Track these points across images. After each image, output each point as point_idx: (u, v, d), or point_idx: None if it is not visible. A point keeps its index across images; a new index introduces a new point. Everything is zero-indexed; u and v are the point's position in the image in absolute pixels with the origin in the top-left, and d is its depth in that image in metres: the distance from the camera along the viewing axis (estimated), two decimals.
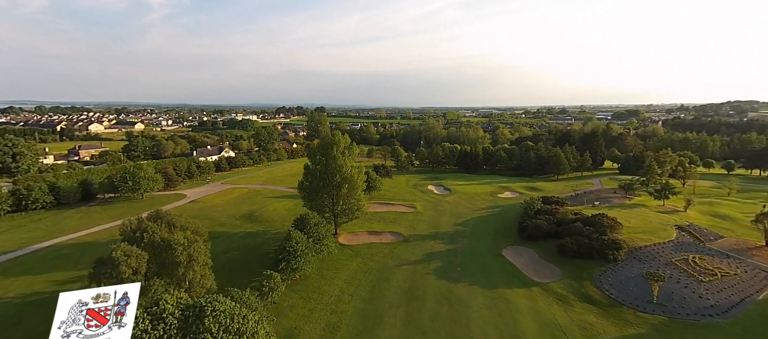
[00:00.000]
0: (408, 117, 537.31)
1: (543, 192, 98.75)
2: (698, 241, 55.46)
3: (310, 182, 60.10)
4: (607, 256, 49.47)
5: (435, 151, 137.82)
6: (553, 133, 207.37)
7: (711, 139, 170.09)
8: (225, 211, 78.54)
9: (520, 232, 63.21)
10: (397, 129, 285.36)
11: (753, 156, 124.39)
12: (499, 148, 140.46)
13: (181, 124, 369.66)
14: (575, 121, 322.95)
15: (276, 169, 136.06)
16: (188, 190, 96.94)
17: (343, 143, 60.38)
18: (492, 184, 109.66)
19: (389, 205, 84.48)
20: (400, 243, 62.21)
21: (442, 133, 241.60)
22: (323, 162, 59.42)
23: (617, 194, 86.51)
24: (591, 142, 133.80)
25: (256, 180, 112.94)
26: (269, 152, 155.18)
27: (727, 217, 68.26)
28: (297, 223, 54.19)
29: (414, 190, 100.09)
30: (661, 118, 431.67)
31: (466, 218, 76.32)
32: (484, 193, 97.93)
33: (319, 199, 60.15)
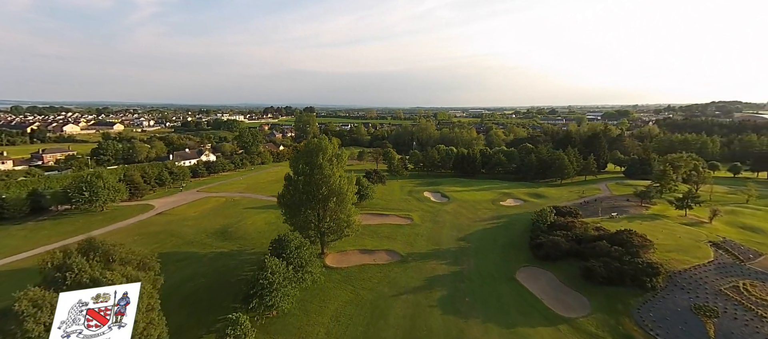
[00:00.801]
0: (399, 117, 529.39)
1: (548, 199, 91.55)
2: (738, 260, 48.36)
3: (291, 195, 51.17)
4: (644, 284, 41.80)
5: (430, 154, 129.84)
6: (550, 134, 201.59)
7: (711, 140, 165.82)
8: (196, 225, 68.94)
9: (534, 250, 55.27)
10: (388, 130, 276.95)
11: (760, 158, 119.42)
12: (498, 151, 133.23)
13: (163, 125, 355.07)
14: (570, 122, 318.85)
15: (259, 174, 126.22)
16: (158, 200, 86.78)
17: (330, 150, 51.62)
18: (492, 190, 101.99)
19: (383, 217, 75.95)
20: (397, 264, 53.75)
21: (435, 134, 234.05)
22: (307, 172, 50.57)
23: (631, 202, 79.53)
24: (593, 144, 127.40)
25: (236, 187, 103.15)
26: (253, 155, 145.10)
27: (757, 230, 61.52)
28: (275, 246, 45.31)
29: (409, 198, 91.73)
30: (651, 118, 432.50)
31: (468, 231, 68.28)
32: (486, 201, 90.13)
33: (302, 215, 51.30)
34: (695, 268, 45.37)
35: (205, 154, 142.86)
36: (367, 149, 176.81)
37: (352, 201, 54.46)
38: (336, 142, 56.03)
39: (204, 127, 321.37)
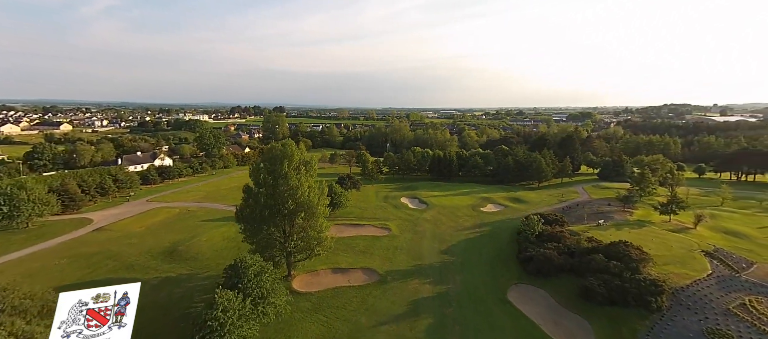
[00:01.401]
0: (371, 118, 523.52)
1: (529, 204, 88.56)
2: (734, 271, 45.98)
3: (251, 210, 43.60)
4: (648, 304, 37.94)
5: (405, 156, 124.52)
6: (522, 135, 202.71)
7: (673, 141, 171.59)
8: (140, 243, 59.40)
9: (524, 264, 50.72)
10: (361, 131, 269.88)
11: (725, 160, 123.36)
12: (474, 153, 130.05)
13: (118, 125, 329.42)
14: (539, 124, 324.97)
15: (221, 180, 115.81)
16: (98, 213, 75.61)
17: (297, 156, 44.52)
18: (471, 194, 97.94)
19: (358, 227, 69.43)
20: (376, 285, 47.49)
21: (410, 135, 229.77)
22: (270, 183, 43.22)
23: (613, 207, 77.60)
24: (567, 146, 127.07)
25: (193, 195, 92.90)
26: (214, 159, 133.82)
27: (741, 235, 60.50)
28: (229, 274, 37.75)
29: (386, 205, 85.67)
30: (612, 119, 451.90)
31: (451, 242, 63.13)
32: (465, 207, 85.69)
33: (265, 234, 43.88)
34: (696, 283, 42.24)
35: (160, 157, 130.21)
36: (339, 151, 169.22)
37: (324, 214, 47.61)
38: (303, 147, 48.94)
39: (163, 127, 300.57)
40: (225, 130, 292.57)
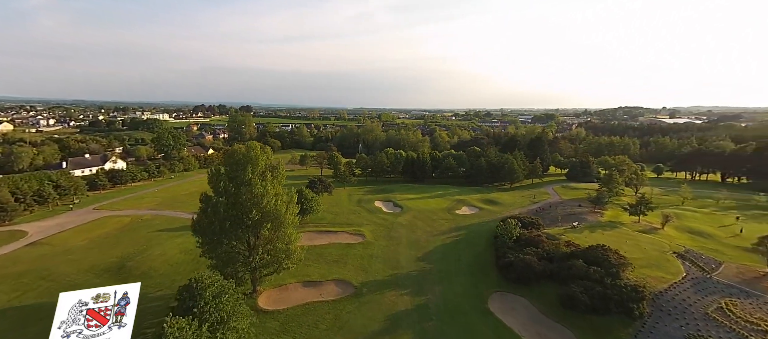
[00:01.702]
0: (343, 118, 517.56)
1: (502, 206, 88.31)
2: (705, 272, 46.68)
3: (209, 222, 38.93)
4: (631, 311, 37.13)
5: (379, 158, 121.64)
6: (492, 137, 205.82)
7: (632, 142, 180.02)
8: (82, 259, 52.66)
9: (503, 271, 49.16)
10: (332, 131, 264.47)
11: (680, 160, 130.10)
12: (447, 155, 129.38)
13: (66, 124, 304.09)
14: (507, 125, 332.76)
15: (181, 184, 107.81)
16: (34, 224, 67.08)
17: (262, 161, 40.33)
18: (445, 196, 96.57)
19: (330, 234, 65.69)
20: (350, 299, 44.18)
21: (382, 136, 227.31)
22: (231, 190, 38.77)
23: (584, 207, 78.57)
24: (537, 147, 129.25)
25: (147, 202, 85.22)
26: (173, 161, 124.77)
27: (705, 234, 62.42)
28: (183, 296, 33.08)
29: (359, 209, 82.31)
30: (573, 121, 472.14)
31: (427, 248, 60.87)
32: (440, 210, 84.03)
33: (226, 248, 39.40)
34: (673, 287, 42.21)
35: (111, 160, 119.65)
36: (310, 152, 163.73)
37: (294, 224, 43.63)
38: (269, 151, 44.78)
39: (117, 127, 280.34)
40: (187, 130, 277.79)
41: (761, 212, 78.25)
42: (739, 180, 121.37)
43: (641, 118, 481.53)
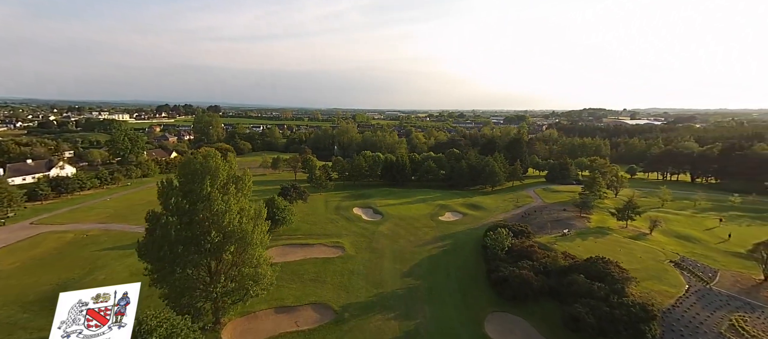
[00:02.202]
0: (317, 118, 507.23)
1: (486, 211, 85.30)
2: (703, 282, 44.67)
3: (158, 246, 32.25)
4: (642, 334, 33.88)
5: (357, 162, 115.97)
6: (469, 138, 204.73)
7: (603, 143, 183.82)
8: (9, 288, 44.03)
9: (496, 287, 45.16)
10: (306, 132, 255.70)
11: (653, 160, 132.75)
12: (427, 157, 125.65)
13: (11, 126, 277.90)
14: (483, 127, 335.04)
15: (138, 192, 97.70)
16: None
17: (223, 171, 34.03)
18: (427, 202, 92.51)
19: (306, 248, 59.65)
20: (330, 326, 38.66)
21: (358, 137, 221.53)
22: (185, 208, 32.29)
23: (569, 211, 76.63)
24: (516, 148, 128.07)
25: (96, 214, 75.60)
26: (130, 166, 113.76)
27: (692, 239, 61.55)
28: None
29: (337, 218, 76.59)
30: (543, 122, 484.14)
31: (413, 261, 56.20)
32: (423, 217, 79.79)
33: (180, 276, 32.85)
34: (679, 302, 39.56)
35: (58, 165, 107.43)
36: (283, 155, 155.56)
37: (263, 243, 37.49)
38: (233, 159, 38.51)
39: (70, 128, 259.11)
40: (148, 132, 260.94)
41: (738, 214, 79.30)
42: (708, 180, 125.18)
43: (605, 119, 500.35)
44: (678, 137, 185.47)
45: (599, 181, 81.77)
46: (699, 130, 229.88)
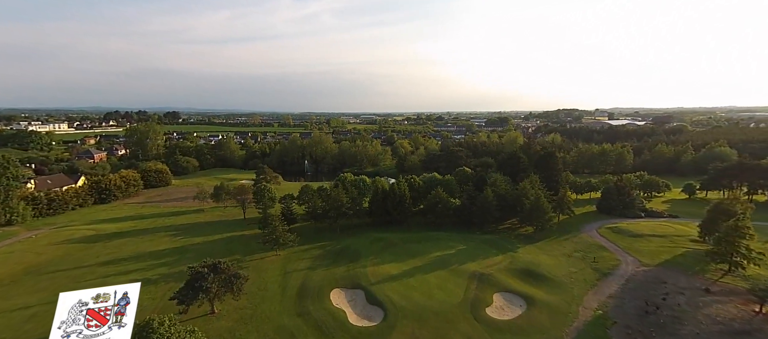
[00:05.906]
0: (288, 124, 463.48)
1: (554, 284, 50.91)
2: None
3: None
4: None
5: (335, 195, 78.11)
6: (470, 148, 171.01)
7: (626, 150, 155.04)
8: None
9: None
10: (272, 143, 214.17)
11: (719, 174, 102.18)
12: (432, 181, 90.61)
13: None
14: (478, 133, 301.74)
15: None
16: None
17: None
18: (451, 265, 56.91)
19: None
20: None
21: (333, 148, 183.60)
22: None
23: (715, 294, 42.98)
24: (549, 166, 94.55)
25: None
26: None
27: None
28: None
29: (301, 324, 39.35)
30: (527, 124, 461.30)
31: None
32: (455, 307, 44.41)
33: None
34: None
35: None
36: (238, 176, 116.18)
37: None
38: None
39: None
40: (75, 146, 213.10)
41: None
42: None
43: (582, 119, 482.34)
44: (711, 141, 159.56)
45: (744, 229, 48.52)
46: (725, 132, 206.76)
